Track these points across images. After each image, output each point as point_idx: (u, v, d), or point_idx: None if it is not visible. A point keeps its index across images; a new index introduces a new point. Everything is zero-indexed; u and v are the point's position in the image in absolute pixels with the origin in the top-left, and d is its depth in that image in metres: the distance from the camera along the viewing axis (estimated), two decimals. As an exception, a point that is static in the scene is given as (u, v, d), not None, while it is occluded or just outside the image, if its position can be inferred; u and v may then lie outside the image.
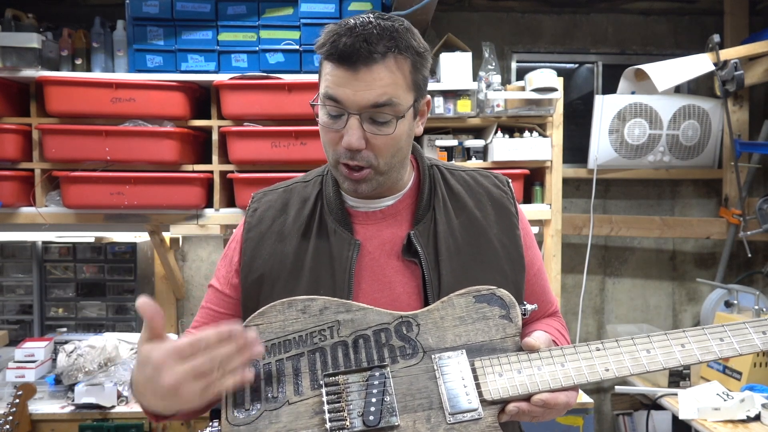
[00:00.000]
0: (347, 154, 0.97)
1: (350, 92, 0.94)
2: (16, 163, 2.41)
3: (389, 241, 1.06)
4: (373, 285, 1.03)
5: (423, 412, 0.83)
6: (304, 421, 0.82)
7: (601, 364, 0.87)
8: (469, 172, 1.16)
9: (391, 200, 1.09)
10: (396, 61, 0.95)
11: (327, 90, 0.96)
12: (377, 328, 0.92)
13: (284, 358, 0.89)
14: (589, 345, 0.90)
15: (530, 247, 1.14)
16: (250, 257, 1.08)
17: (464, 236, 1.06)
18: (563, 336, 1.15)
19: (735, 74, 2.66)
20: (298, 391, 0.86)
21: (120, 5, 2.59)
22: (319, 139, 2.33)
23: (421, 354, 0.89)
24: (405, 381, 0.87)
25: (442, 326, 0.93)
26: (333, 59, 0.94)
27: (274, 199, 1.14)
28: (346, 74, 0.93)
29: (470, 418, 0.83)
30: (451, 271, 1.02)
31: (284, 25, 2.49)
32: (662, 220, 3.14)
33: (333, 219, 1.07)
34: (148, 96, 2.37)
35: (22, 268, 2.83)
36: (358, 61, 0.92)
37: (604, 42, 3.21)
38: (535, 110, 2.57)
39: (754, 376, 2.39)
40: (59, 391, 2.33)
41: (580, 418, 2.35)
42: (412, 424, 0.82)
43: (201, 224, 2.48)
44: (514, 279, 1.07)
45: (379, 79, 0.93)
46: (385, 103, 0.95)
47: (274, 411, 0.84)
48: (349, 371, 0.88)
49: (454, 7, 3.10)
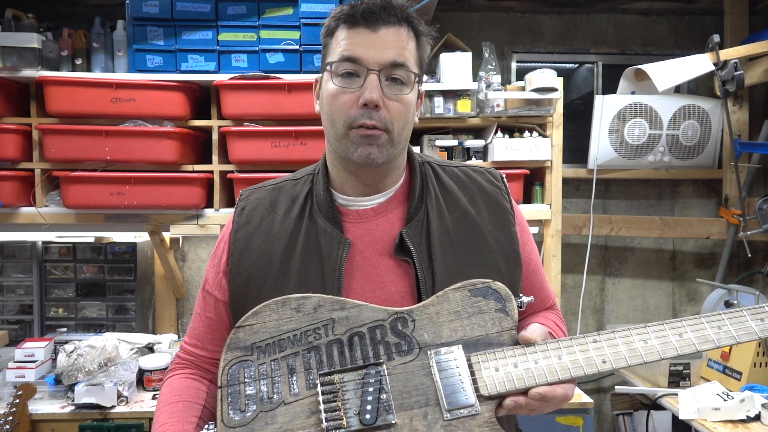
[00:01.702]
0: (365, 113, 0.98)
1: (370, 50, 0.97)
2: (16, 163, 2.41)
3: (381, 239, 1.04)
4: (365, 284, 1.02)
5: (420, 409, 0.83)
6: (300, 421, 0.82)
7: (599, 356, 0.87)
8: (462, 168, 1.15)
9: (382, 197, 1.07)
10: (407, 32, 1.01)
11: (344, 52, 0.98)
12: (372, 325, 0.92)
13: (279, 357, 0.89)
14: (586, 337, 0.90)
15: (527, 242, 1.13)
16: (239, 258, 1.06)
17: (458, 233, 1.05)
18: (560, 329, 1.15)
19: (735, 74, 2.66)
20: (293, 392, 0.85)
21: (120, 5, 2.59)
22: (319, 139, 2.35)
23: (416, 350, 0.89)
24: (401, 378, 0.86)
25: (438, 321, 0.92)
26: (352, 21, 0.98)
27: (262, 197, 1.12)
28: (366, 33, 0.98)
29: (467, 413, 0.82)
30: (445, 269, 1.01)
31: (284, 25, 2.49)
32: (662, 220, 3.14)
33: (323, 217, 1.05)
34: (148, 96, 2.37)
35: (22, 268, 2.83)
36: (379, 20, 0.97)
37: (604, 42, 3.21)
38: (535, 110, 2.57)
39: (754, 376, 2.39)
40: (59, 391, 2.32)
41: (580, 418, 2.35)
42: (409, 422, 0.82)
43: (201, 224, 2.48)
44: (510, 276, 1.05)
45: (397, 40, 0.99)
46: (401, 63, 0.98)
47: (269, 412, 0.83)
48: (344, 370, 0.88)
49: (454, 7, 3.10)
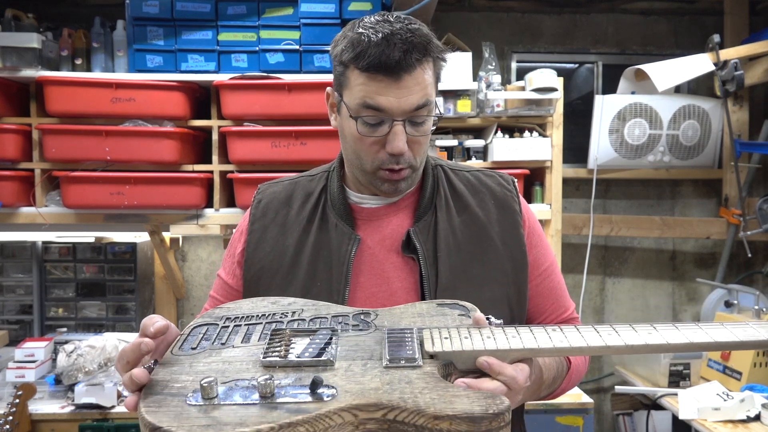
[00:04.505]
0: (392, 159, 1.00)
1: (394, 100, 0.96)
2: (16, 163, 2.41)
3: (390, 237, 1.07)
4: (371, 279, 1.04)
5: (361, 360, 0.82)
6: (242, 356, 0.83)
7: (558, 340, 0.83)
8: (474, 172, 1.16)
9: (395, 197, 1.09)
10: (428, 63, 0.99)
11: (366, 100, 0.97)
12: (336, 315, 0.94)
13: (242, 324, 0.92)
14: (545, 327, 0.87)
15: (535, 246, 1.12)
16: (254, 249, 1.10)
17: (465, 234, 1.06)
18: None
19: (735, 74, 2.66)
20: (244, 341, 0.87)
21: (120, 5, 2.59)
22: (319, 139, 2.36)
23: (373, 329, 0.90)
24: (351, 341, 0.87)
25: (399, 316, 0.93)
26: (373, 71, 0.95)
27: (278, 191, 1.15)
28: (388, 82, 0.95)
29: (407, 364, 0.80)
30: (450, 267, 1.03)
31: (284, 25, 2.49)
32: (662, 220, 3.14)
33: (335, 214, 1.08)
34: (148, 96, 2.37)
35: (22, 268, 2.83)
36: (401, 69, 0.95)
37: (604, 42, 3.21)
38: (535, 110, 2.57)
39: (754, 376, 2.39)
40: (59, 391, 2.33)
41: (580, 418, 2.35)
42: (347, 366, 0.81)
43: (201, 224, 2.48)
44: (515, 278, 1.06)
45: (419, 83, 0.97)
46: (424, 104, 0.98)
47: (216, 350, 0.85)
48: (297, 330, 0.89)
49: (454, 7, 3.10)
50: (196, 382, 0.77)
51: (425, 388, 0.76)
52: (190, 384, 0.77)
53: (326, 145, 2.38)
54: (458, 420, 0.72)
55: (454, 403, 0.74)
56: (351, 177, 1.11)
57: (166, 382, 0.78)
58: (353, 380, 0.78)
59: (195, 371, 0.80)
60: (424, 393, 0.75)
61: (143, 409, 0.73)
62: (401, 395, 0.75)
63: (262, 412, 0.72)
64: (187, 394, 0.75)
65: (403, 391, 0.75)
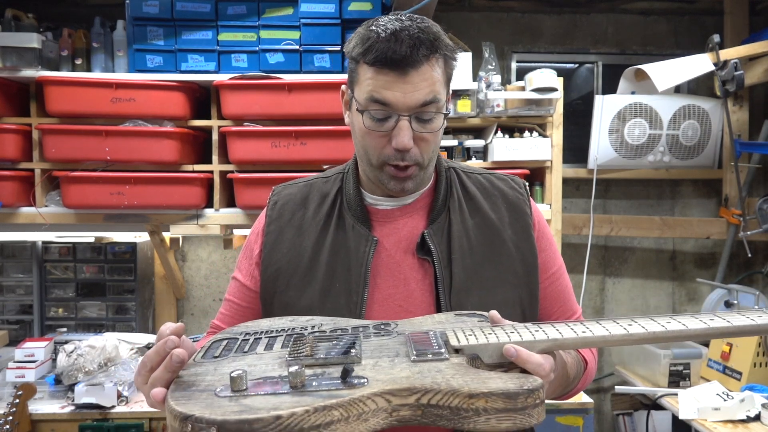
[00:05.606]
0: (397, 155, 1.00)
1: (399, 95, 0.96)
2: (16, 163, 2.41)
3: (405, 238, 1.08)
4: (389, 280, 1.05)
5: (387, 358, 0.82)
6: (266, 361, 0.83)
7: (581, 331, 0.84)
8: (486, 175, 1.17)
9: (409, 199, 1.10)
10: (436, 60, 0.99)
11: (373, 94, 0.98)
12: (356, 326, 0.94)
13: (263, 337, 0.92)
14: (566, 321, 0.88)
15: (545, 249, 1.14)
16: (270, 250, 1.11)
17: (478, 237, 1.08)
18: (581, 354, 1.11)
19: (735, 74, 2.66)
20: (267, 348, 0.87)
21: (120, 5, 2.59)
22: (318, 139, 2.35)
23: (395, 335, 0.90)
24: (374, 344, 0.87)
25: (419, 325, 0.94)
26: (380, 65, 0.96)
27: (294, 193, 1.16)
28: (394, 77, 0.96)
29: (434, 357, 0.81)
30: (463, 269, 1.04)
31: (284, 25, 2.49)
32: (662, 220, 3.14)
33: (352, 215, 1.09)
34: (148, 96, 2.37)
35: (22, 268, 2.83)
36: (408, 65, 0.95)
37: (604, 42, 3.21)
38: (535, 110, 2.57)
39: (754, 376, 2.39)
40: (59, 391, 2.32)
41: (580, 418, 2.35)
42: (374, 363, 0.81)
43: (201, 224, 2.48)
44: (527, 280, 1.08)
45: (426, 79, 0.97)
46: (431, 101, 0.98)
47: (239, 356, 0.85)
48: (320, 337, 0.89)
49: (454, 7, 3.10)
50: (223, 379, 0.77)
51: (456, 374, 0.77)
52: (218, 382, 0.77)
53: (326, 145, 2.38)
54: (494, 396, 0.73)
55: (488, 383, 0.75)
56: (364, 178, 1.12)
57: (192, 382, 0.78)
58: (383, 372, 0.78)
59: (220, 373, 0.80)
60: (456, 377, 0.76)
61: (172, 402, 0.73)
62: (433, 380, 0.76)
63: (294, 398, 0.72)
64: (216, 389, 0.75)
65: (435, 377, 0.76)
